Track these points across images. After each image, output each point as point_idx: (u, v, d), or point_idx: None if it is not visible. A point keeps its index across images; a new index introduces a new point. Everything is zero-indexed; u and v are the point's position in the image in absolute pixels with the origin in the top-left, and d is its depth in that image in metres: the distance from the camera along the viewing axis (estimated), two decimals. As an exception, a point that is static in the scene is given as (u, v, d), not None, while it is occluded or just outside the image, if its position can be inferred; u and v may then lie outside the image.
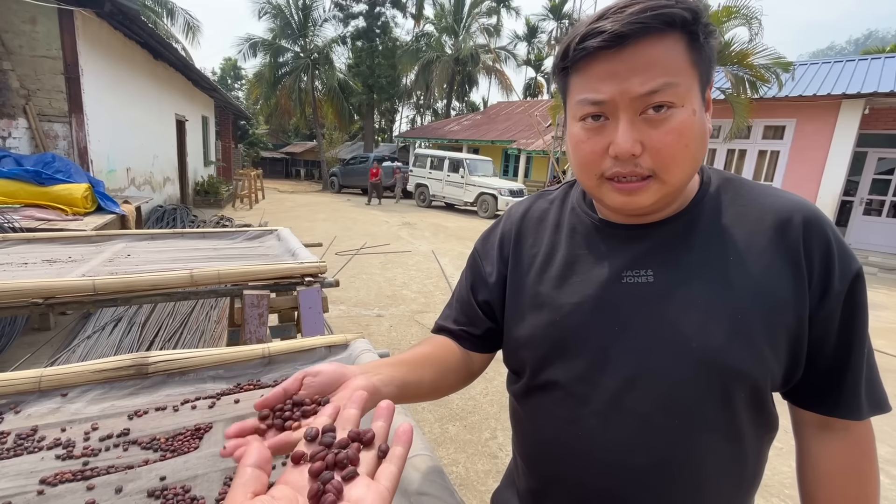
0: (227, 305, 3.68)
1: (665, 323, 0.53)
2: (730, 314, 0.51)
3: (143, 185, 7.08)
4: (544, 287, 0.62)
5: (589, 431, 0.57)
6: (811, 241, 0.52)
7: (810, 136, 8.40)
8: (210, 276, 1.55)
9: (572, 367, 0.58)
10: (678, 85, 0.48)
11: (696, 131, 0.50)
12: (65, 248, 2.00)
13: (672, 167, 0.50)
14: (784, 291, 0.52)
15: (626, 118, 0.50)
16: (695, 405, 0.52)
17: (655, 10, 0.47)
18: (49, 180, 3.54)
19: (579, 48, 0.50)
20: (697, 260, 0.54)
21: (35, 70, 4.46)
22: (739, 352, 0.50)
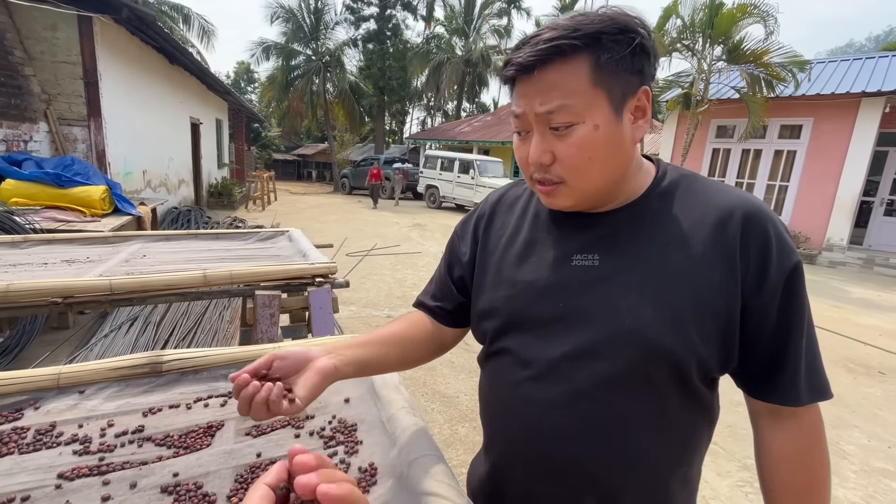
0: (239, 305, 3.73)
1: (604, 302, 0.59)
2: (660, 298, 0.56)
3: (158, 187, 7.21)
4: (506, 266, 0.69)
5: (527, 394, 0.63)
6: (749, 236, 0.56)
7: (828, 136, 8.22)
8: (223, 276, 1.57)
9: (522, 338, 0.64)
10: (573, 106, 0.54)
11: (601, 144, 0.56)
12: (83, 249, 2.04)
13: (577, 176, 0.57)
14: (716, 281, 0.56)
15: (537, 132, 0.58)
16: (622, 377, 0.58)
17: (550, 43, 0.53)
18: (68, 182, 3.63)
19: (503, 73, 0.59)
20: (639, 248, 0.59)
21: (55, 75, 4.57)
22: (663, 331, 0.55)
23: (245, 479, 0.68)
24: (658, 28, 8.47)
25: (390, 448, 0.75)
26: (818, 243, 8.42)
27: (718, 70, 8.22)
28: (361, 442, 0.79)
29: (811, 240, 8.46)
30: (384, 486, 0.68)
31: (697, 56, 8.21)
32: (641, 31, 0.55)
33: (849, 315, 5.19)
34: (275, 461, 0.73)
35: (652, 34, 0.57)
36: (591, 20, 0.54)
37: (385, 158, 18.20)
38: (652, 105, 0.59)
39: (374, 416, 0.88)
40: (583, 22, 0.53)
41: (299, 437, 0.80)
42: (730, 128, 9.44)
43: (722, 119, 9.34)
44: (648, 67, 0.57)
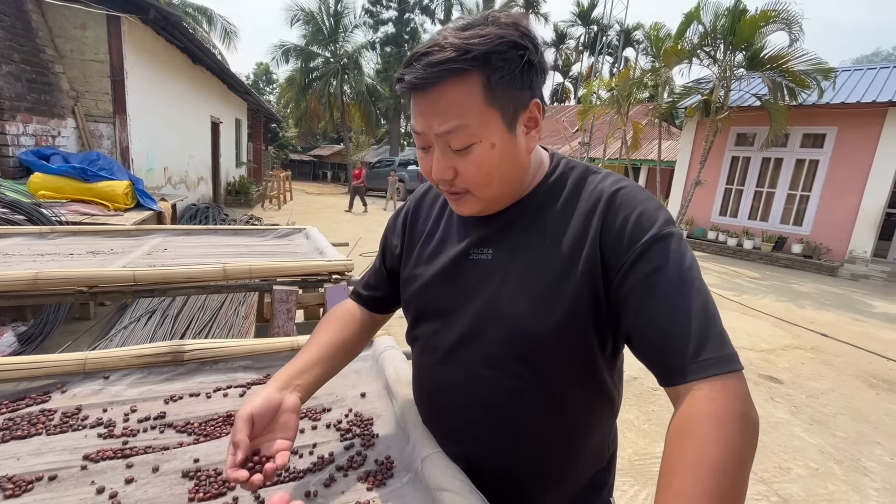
0: (255, 302, 3.77)
1: (491, 293, 0.63)
2: (533, 287, 0.60)
3: (178, 183, 7.35)
4: (422, 260, 0.74)
5: (434, 377, 0.71)
6: (609, 216, 0.58)
7: (852, 145, 8.02)
8: (242, 270, 1.59)
9: (430, 326, 0.72)
10: (469, 127, 0.56)
11: (497, 160, 0.58)
12: (107, 241, 2.09)
13: (479, 188, 0.61)
14: (583, 266, 0.58)
15: (438, 149, 0.59)
16: (506, 360, 0.62)
17: (440, 66, 0.53)
18: (94, 177, 3.73)
19: (397, 86, 0.58)
20: (523, 240, 0.63)
21: (84, 73, 4.71)
22: (534, 318, 0.59)
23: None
24: (679, 34, 8.39)
25: (405, 443, 0.76)
26: (840, 255, 8.21)
27: (739, 77, 8.10)
28: (377, 436, 0.79)
29: (833, 251, 8.25)
30: (401, 479, 0.68)
31: (718, 63, 8.10)
32: (530, 45, 0.56)
33: (871, 329, 5.05)
34: (294, 451, 0.74)
35: (540, 47, 0.58)
36: (480, 39, 0.53)
37: (400, 160, 18.31)
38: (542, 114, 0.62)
39: (389, 412, 0.88)
40: (472, 42, 0.53)
41: (316, 429, 0.81)
42: (750, 136, 9.28)
43: (742, 127, 9.19)
44: (538, 80, 0.58)
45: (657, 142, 10.16)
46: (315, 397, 0.96)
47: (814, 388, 3.41)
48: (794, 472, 2.34)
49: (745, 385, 0.50)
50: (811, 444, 2.59)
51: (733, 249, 9.11)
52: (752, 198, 9.33)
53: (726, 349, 0.51)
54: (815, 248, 8.31)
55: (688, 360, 0.50)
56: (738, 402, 0.48)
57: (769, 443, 2.59)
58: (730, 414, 0.47)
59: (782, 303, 5.94)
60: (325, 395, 0.97)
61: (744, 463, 0.45)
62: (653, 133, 11.31)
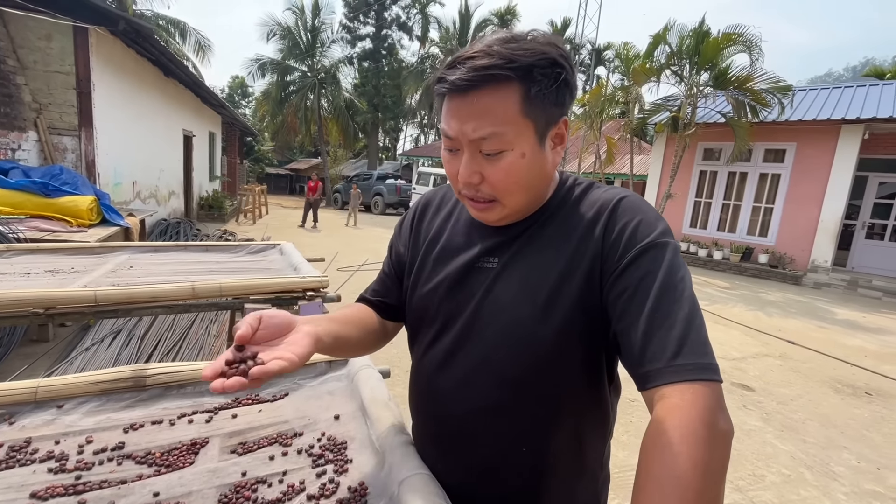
0: (227, 320, 3.66)
1: (492, 299, 0.64)
2: (535, 293, 0.61)
3: (148, 198, 7.13)
4: (427, 265, 0.74)
5: (430, 382, 0.71)
6: (611, 222, 0.60)
7: (811, 160, 8.45)
8: (212, 289, 1.54)
9: (430, 332, 0.72)
10: (504, 134, 0.57)
11: (525, 170, 0.60)
12: (68, 259, 2.00)
13: (506, 196, 0.62)
14: (582, 271, 0.59)
15: (468, 153, 0.60)
16: (503, 365, 0.63)
17: (485, 70, 0.55)
18: (56, 192, 3.58)
19: (435, 88, 0.60)
20: (527, 249, 0.65)
21: (48, 85, 4.55)
22: (533, 322, 0.60)
23: (230, 500, 0.66)
24: (647, 54, 8.73)
25: (380, 468, 0.73)
26: (803, 265, 8.56)
27: (705, 95, 8.46)
28: (351, 461, 0.76)
29: (796, 261, 8.60)
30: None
31: (685, 81, 8.45)
32: (567, 66, 0.58)
33: (835, 336, 5.25)
34: (262, 480, 0.70)
35: (574, 69, 0.60)
36: (525, 52, 0.55)
37: (378, 174, 18.30)
38: (568, 132, 0.65)
39: (364, 434, 0.86)
40: (517, 53, 0.55)
41: (287, 455, 0.78)
42: (716, 151, 9.66)
43: (709, 142, 9.57)
44: (569, 99, 0.60)
45: (629, 156, 10.46)
46: (286, 420, 0.93)
47: (784, 395, 3.50)
48: (767, 479, 2.38)
49: (719, 396, 0.48)
50: (783, 451, 2.65)
51: (704, 260, 9.40)
52: (720, 210, 9.69)
53: (705, 358, 0.50)
54: (780, 258, 8.66)
55: (663, 363, 0.50)
56: (708, 412, 0.45)
57: (743, 450, 2.63)
58: (697, 425, 0.44)
59: (751, 311, 6.14)
60: (296, 418, 0.93)
61: (712, 476, 0.43)
62: (625, 148, 11.65)
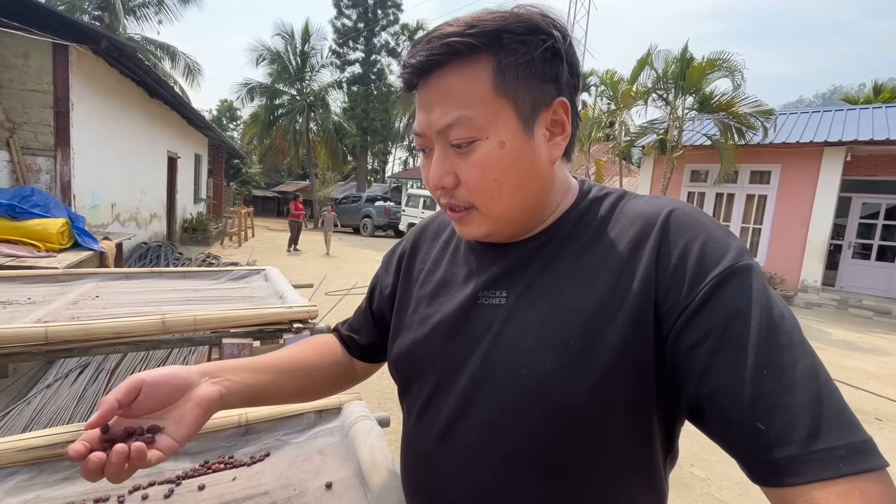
0: (206, 351, 3.42)
1: (503, 347, 0.49)
2: (563, 340, 0.45)
3: (127, 221, 6.88)
4: (420, 304, 0.60)
5: (426, 459, 0.55)
6: (665, 245, 0.44)
7: (795, 181, 8.60)
8: (185, 322, 1.36)
9: (424, 390, 0.56)
10: (473, 118, 0.45)
11: (507, 163, 0.47)
12: (25, 289, 1.80)
13: (485, 200, 0.48)
14: (629, 311, 0.44)
15: (438, 149, 0.49)
16: (522, 440, 0.47)
17: (443, 40, 0.44)
18: (24, 214, 3.36)
19: (401, 77, 0.49)
20: (548, 280, 0.50)
21: (23, 103, 4.38)
22: (563, 380, 0.44)
23: None
24: (633, 78, 8.91)
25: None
26: (793, 284, 8.60)
27: (691, 118, 8.62)
28: (349, 554, 0.59)
29: (787, 281, 8.64)
30: None
31: (671, 105, 8.61)
32: (555, 32, 0.46)
33: (834, 357, 5.18)
34: None
35: (569, 37, 0.48)
36: (493, 17, 0.45)
37: (367, 196, 18.23)
38: (574, 120, 0.49)
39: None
40: (482, 18, 0.45)
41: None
42: (703, 172, 9.79)
43: (696, 164, 9.71)
44: (565, 75, 0.48)
45: (618, 178, 10.56)
46: (266, 492, 0.75)
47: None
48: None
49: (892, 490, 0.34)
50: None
51: (695, 281, 9.39)
52: (709, 231, 9.75)
53: (856, 433, 0.35)
54: (771, 277, 8.68)
55: (797, 448, 0.34)
56: None
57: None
58: None
59: (748, 333, 6.05)
60: (279, 488, 0.76)
61: None
62: (613, 170, 11.78)
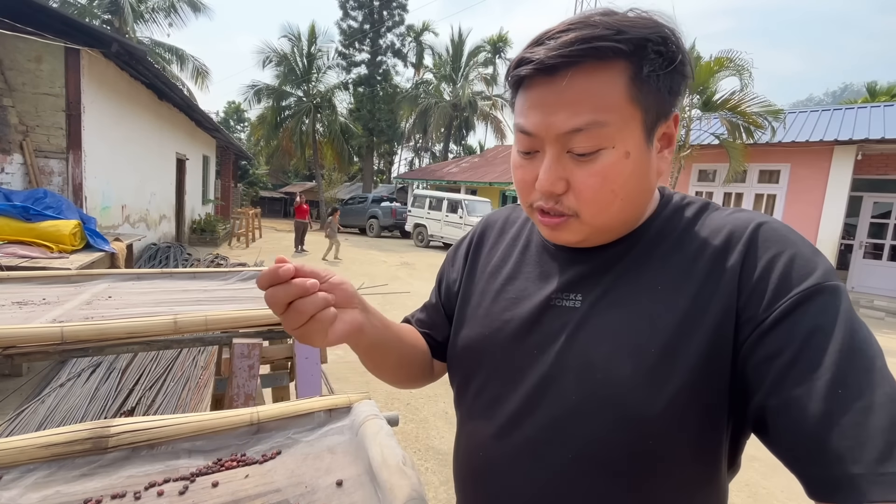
0: (215, 350, 3.46)
1: (577, 350, 0.50)
2: (642, 347, 0.46)
3: (137, 222, 6.97)
4: (486, 300, 0.61)
5: (488, 453, 0.55)
6: (751, 257, 0.44)
7: (805, 181, 8.51)
8: (196, 322, 1.38)
9: (490, 386, 0.57)
10: (606, 125, 0.44)
11: (627, 174, 0.46)
12: (40, 289, 1.84)
13: (594, 210, 0.48)
14: (712, 321, 0.44)
15: (551, 154, 0.47)
16: (591, 441, 0.47)
17: (586, 43, 0.43)
18: (37, 216, 3.42)
19: (512, 73, 0.48)
20: (627, 287, 0.50)
21: (36, 107, 4.45)
22: (642, 388, 0.45)
23: None
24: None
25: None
26: (803, 285, 8.51)
27: (699, 117, 8.56)
28: (361, 550, 0.60)
29: (796, 282, 8.56)
30: None
31: (678, 104, 8.57)
32: (682, 47, 0.47)
33: (844, 359, 5.12)
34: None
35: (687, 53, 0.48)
36: (634, 23, 0.44)
37: (373, 197, 18.29)
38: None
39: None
40: (625, 23, 0.44)
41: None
42: (711, 172, 9.72)
43: (703, 164, 9.64)
44: (683, 89, 0.48)
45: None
46: (277, 489, 0.77)
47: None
48: (801, 521, 2.19)
49: None
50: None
51: (703, 281, 9.32)
52: (717, 231, 9.68)
53: None
54: (780, 278, 8.60)
55: (866, 468, 0.34)
56: None
57: (773, 488, 2.45)
58: None
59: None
60: (290, 485, 0.77)
61: None
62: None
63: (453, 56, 23.37)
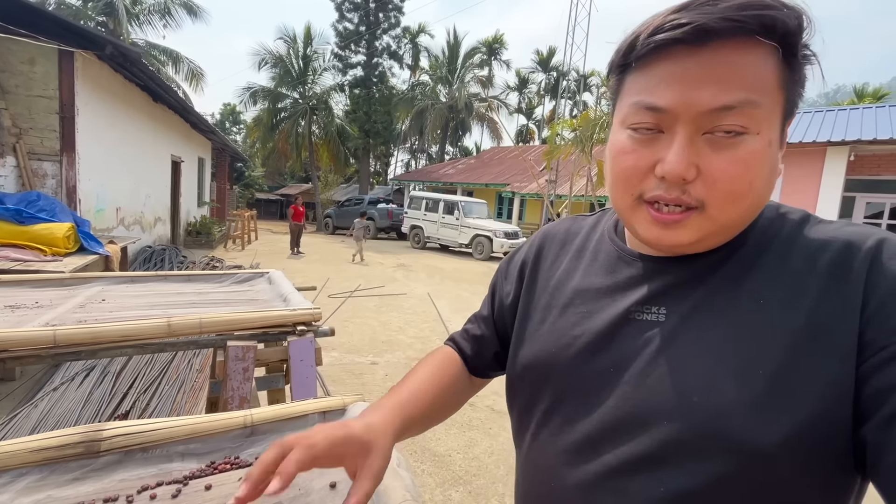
0: (211, 352, 3.44)
1: (666, 369, 0.43)
2: (749, 369, 0.40)
3: (132, 225, 6.93)
4: (550, 314, 0.56)
5: (560, 483, 0.50)
6: (876, 273, 0.39)
7: (799, 182, 8.57)
8: (190, 325, 1.38)
9: (559, 407, 0.52)
10: (759, 106, 0.40)
11: (768, 167, 0.42)
12: (33, 293, 1.82)
13: (727, 203, 0.42)
14: (833, 343, 0.38)
15: (684, 134, 0.41)
16: (686, 473, 0.41)
17: (756, 10, 0.38)
18: (30, 219, 3.40)
19: (648, 41, 0.41)
20: (723, 300, 0.44)
21: (29, 109, 4.42)
22: (754, 420, 0.38)
23: None
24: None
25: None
26: (797, 285, 8.58)
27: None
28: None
29: (790, 282, 8.62)
30: None
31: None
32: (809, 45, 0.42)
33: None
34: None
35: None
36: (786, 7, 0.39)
37: (369, 199, 18.27)
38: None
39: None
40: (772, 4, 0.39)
41: (272, 548, 0.62)
42: (705, 173, 9.78)
43: (698, 165, 9.70)
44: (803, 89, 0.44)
45: (620, 179, 10.55)
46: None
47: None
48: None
49: None
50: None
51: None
52: (712, 231, 9.74)
53: None
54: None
55: None
56: None
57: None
58: None
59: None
60: (285, 488, 0.77)
61: None
62: (615, 171, 11.76)
63: (449, 58, 23.43)
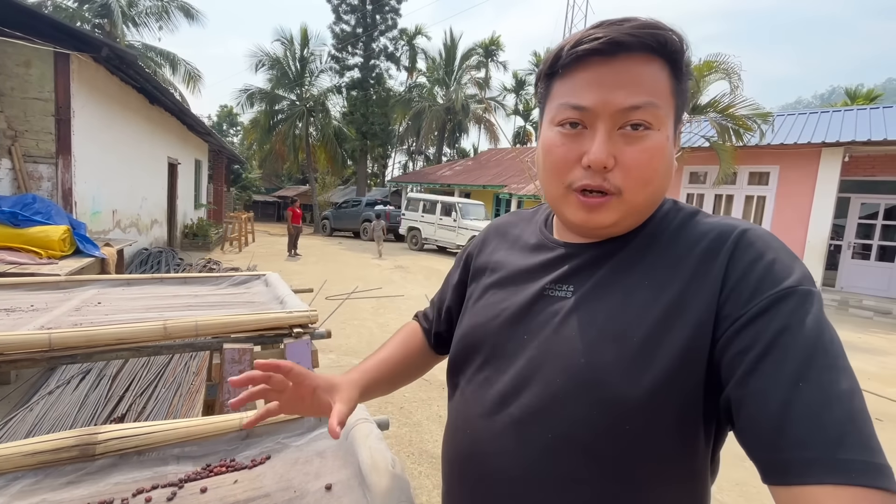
0: (206, 355, 3.43)
1: (564, 336, 0.52)
2: (625, 336, 0.49)
3: (128, 227, 6.91)
4: (487, 293, 0.65)
5: (475, 435, 0.57)
6: (735, 258, 0.47)
7: (794, 183, 8.61)
8: (186, 327, 1.38)
9: (480, 370, 0.60)
10: (659, 108, 0.50)
11: (667, 158, 0.52)
12: (28, 296, 1.82)
13: (638, 187, 0.51)
14: (694, 316, 0.46)
15: (604, 129, 0.50)
16: (572, 423, 0.49)
17: (652, 29, 0.49)
18: (26, 222, 3.38)
19: (571, 52, 0.50)
20: (616, 280, 0.53)
21: (25, 112, 4.41)
22: (623, 374, 0.47)
23: None
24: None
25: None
26: (793, 285, 8.60)
27: (689, 120, 8.64)
28: (349, 554, 0.61)
29: (786, 282, 8.65)
30: None
31: (668, 107, 8.65)
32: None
33: (834, 358, 5.18)
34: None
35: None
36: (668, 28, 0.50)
37: (367, 200, 18.26)
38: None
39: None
40: (663, 27, 0.50)
41: (266, 549, 0.62)
42: (701, 174, 9.82)
43: (694, 166, 9.73)
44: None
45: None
46: (266, 494, 0.77)
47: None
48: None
49: None
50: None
51: (695, 282, 9.39)
52: (709, 232, 9.76)
53: (878, 457, 0.37)
54: (770, 279, 8.68)
55: (816, 452, 0.36)
56: None
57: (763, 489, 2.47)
58: None
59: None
60: (279, 490, 0.78)
61: None
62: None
63: (446, 60, 23.44)
